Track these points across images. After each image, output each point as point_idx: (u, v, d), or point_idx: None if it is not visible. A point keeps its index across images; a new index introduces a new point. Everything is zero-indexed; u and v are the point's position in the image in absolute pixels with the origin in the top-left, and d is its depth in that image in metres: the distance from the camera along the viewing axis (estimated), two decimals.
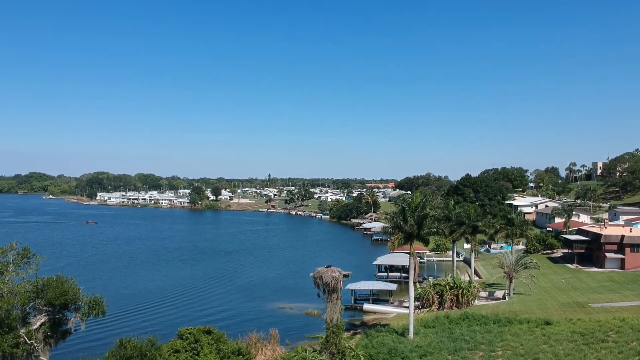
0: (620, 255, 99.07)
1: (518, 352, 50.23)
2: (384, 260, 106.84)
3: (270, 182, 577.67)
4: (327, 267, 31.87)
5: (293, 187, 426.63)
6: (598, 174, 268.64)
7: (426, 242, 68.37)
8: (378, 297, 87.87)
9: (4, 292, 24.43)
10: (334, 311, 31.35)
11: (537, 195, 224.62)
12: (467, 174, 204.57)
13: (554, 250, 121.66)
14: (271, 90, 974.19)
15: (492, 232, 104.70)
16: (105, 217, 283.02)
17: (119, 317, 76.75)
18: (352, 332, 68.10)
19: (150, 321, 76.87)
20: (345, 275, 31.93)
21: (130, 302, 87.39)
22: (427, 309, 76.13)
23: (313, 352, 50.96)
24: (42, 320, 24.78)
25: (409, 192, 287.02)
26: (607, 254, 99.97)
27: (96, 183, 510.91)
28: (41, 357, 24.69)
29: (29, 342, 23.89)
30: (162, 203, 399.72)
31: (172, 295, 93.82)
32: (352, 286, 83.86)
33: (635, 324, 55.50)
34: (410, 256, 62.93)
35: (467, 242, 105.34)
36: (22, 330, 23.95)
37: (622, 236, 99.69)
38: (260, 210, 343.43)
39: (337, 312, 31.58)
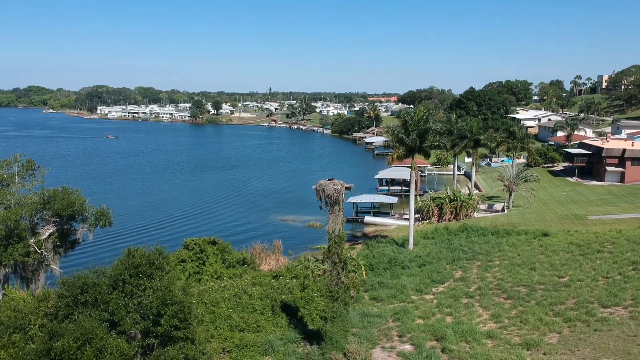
0: (620, 169, 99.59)
1: (515, 262, 51.49)
2: (386, 174, 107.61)
3: (271, 96, 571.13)
4: (329, 179, 32.11)
5: (294, 101, 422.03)
6: (603, 87, 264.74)
7: (428, 156, 68.65)
8: (379, 210, 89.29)
9: (12, 203, 24.86)
10: (336, 222, 31.88)
11: (541, 109, 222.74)
12: (471, 87, 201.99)
13: (555, 164, 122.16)
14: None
15: (493, 146, 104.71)
16: (111, 130, 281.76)
17: (126, 228, 78.19)
18: (353, 243, 69.76)
19: (156, 232, 78.59)
20: (347, 188, 32.21)
21: (137, 214, 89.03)
22: (427, 221, 77.51)
23: (315, 261, 52.47)
24: (51, 231, 25.34)
25: (412, 106, 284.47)
26: (608, 168, 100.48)
27: (96, 97, 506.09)
28: (52, 266, 25.53)
29: (39, 252, 24.59)
30: (162, 117, 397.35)
31: (178, 208, 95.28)
32: (353, 199, 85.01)
33: (631, 235, 56.53)
34: (411, 170, 63.25)
35: (469, 156, 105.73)
36: (32, 240, 24.59)
37: (624, 150, 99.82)
38: (261, 124, 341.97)
39: (339, 223, 32.12)
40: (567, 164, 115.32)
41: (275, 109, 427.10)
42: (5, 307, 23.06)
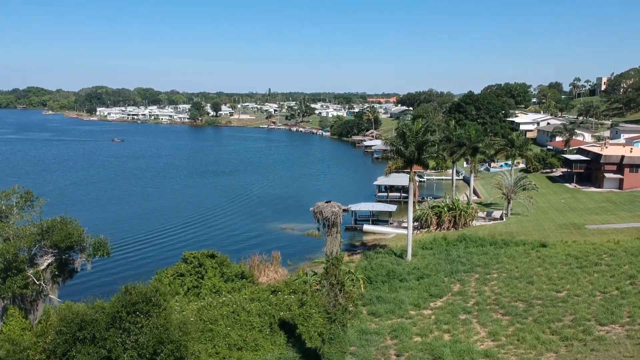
0: (619, 176, 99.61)
1: (513, 275, 51.59)
2: (384, 180, 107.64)
3: (270, 96, 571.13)
4: (326, 202, 32.37)
5: (294, 103, 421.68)
6: (602, 89, 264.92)
7: (426, 167, 68.78)
8: (378, 218, 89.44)
9: (10, 236, 24.96)
10: (333, 244, 32.14)
11: (540, 112, 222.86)
12: (470, 91, 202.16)
13: (554, 170, 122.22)
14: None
15: (492, 154, 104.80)
16: (112, 133, 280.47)
17: (126, 238, 77.78)
18: (351, 252, 69.88)
19: (156, 243, 78.51)
20: (344, 210, 32.55)
21: (137, 223, 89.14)
22: (426, 229, 77.61)
23: (313, 275, 52.59)
24: (49, 261, 25.42)
25: (411, 108, 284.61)
26: (606, 174, 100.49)
27: (95, 98, 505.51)
28: (50, 296, 25.65)
29: (37, 283, 24.69)
30: (162, 119, 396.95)
31: (178, 216, 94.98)
32: (352, 207, 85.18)
33: (628, 247, 56.64)
34: (410, 181, 63.33)
35: (467, 162, 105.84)
36: (30, 271, 24.70)
37: (622, 156, 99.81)
38: (261, 126, 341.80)
39: (336, 245, 32.38)
40: (565, 170, 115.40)
41: (275, 110, 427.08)
42: (3, 340, 23.22)
